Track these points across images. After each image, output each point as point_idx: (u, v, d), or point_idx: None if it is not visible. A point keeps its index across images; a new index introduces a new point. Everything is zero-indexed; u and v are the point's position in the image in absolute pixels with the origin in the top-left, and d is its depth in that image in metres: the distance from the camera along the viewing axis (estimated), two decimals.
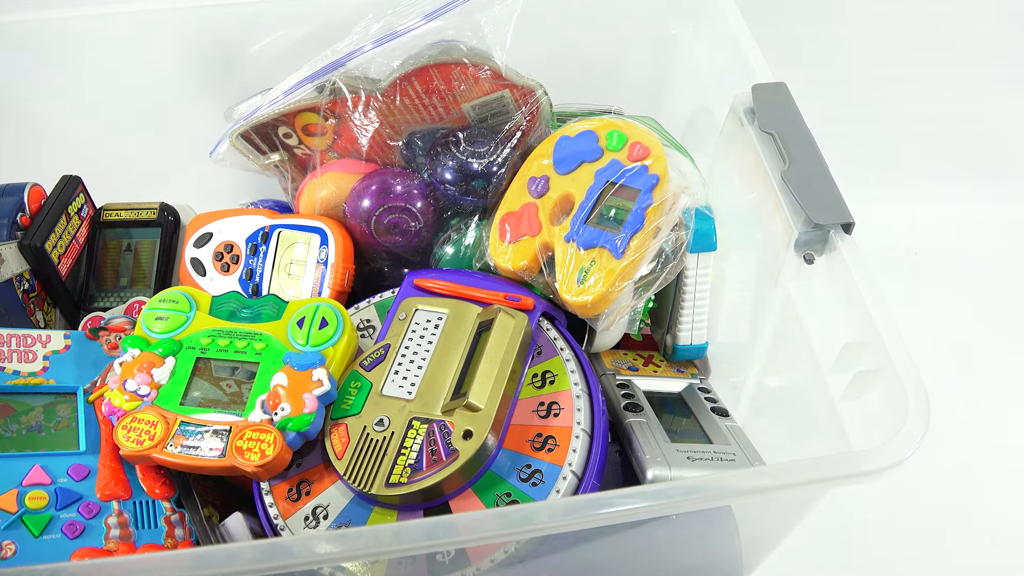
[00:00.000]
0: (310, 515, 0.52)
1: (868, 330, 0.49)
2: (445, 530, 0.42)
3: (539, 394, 0.55)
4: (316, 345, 0.57)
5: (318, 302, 0.59)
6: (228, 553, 0.41)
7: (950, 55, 1.15)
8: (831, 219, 0.53)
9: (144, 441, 0.54)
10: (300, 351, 0.57)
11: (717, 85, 0.69)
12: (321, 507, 0.53)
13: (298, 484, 0.54)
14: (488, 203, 0.66)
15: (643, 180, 0.60)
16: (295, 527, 0.52)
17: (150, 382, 0.57)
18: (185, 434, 0.54)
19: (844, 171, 0.57)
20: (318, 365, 0.55)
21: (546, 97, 0.65)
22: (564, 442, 0.52)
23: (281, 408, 0.54)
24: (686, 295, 0.65)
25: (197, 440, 0.54)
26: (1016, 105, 1.09)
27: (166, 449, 0.54)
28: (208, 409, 0.56)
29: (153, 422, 0.55)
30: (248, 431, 0.53)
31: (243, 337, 0.58)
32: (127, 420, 0.55)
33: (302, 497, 0.53)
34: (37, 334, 0.60)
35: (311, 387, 0.54)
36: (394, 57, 0.64)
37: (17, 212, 0.67)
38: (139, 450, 0.54)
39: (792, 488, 0.44)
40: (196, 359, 0.58)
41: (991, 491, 0.76)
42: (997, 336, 0.86)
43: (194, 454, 0.54)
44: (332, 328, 0.57)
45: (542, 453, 0.52)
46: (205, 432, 0.54)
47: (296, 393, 0.54)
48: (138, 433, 0.54)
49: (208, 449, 0.54)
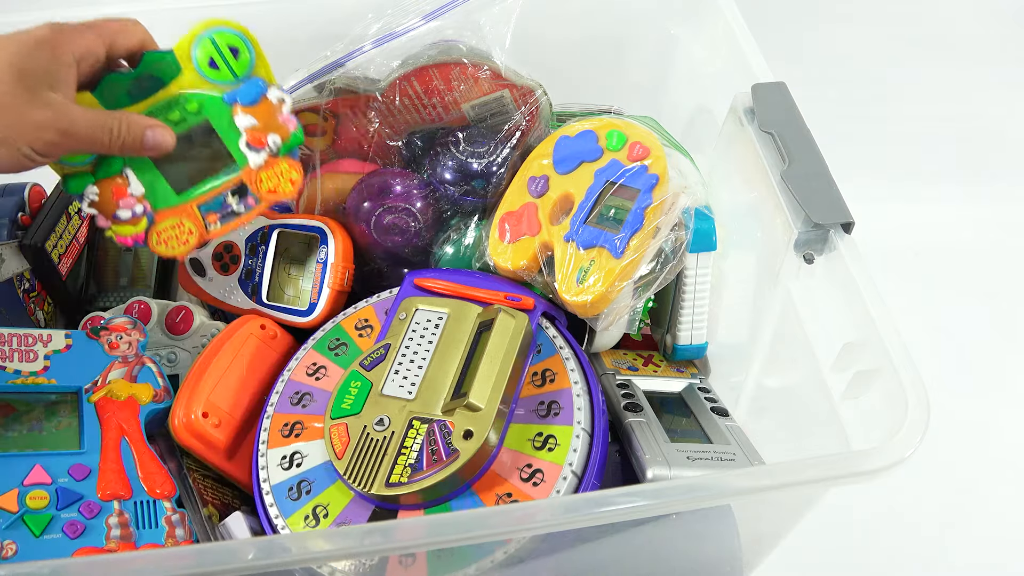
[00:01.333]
0: (310, 515, 0.52)
1: (868, 330, 0.49)
2: (445, 528, 0.42)
3: (539, 392, 0.55)
4: (243, 74, 0.55)
5: (206, 31, 0.54)
6: (228, 550, 0.41)
7: (950, 55, 1.15)
8: (831, 219, 0.53)
9: (188, 239, 0.56)
10: (237, 86, 0.55)
11: (717, 85, 0.69)
12: (321, 506, 0.53)
13: (314, 510, 0.54)
14: (488, 203, 0.66)
15: (643, 180, 0.60)
16: (295, 526, 0.52)
17: (134, 199, 0.56)
18: (211, 210, 0.56)
19: (844, 171, 0.57)
20: (266, 88, 0.55)
21: (546, 97, 0.65)
22: (564, 442, 0.52)
23: (272, 141, 0.55)
24: (686, 295, 0.65)
25: (226, 208, 0.57)
26: (1016, 105, 1.09)
27: (210, 229, 0.57)
28: (205, 181, 0.57)
29: (177, 222, 0.56)
30: (260, 174, 0.55)
31: (165, 109, 0.56)
32: (153, 237, 0.56)
33: (302, 496, 0.53)
34: (38, 333, 0.60)
35: (278, 109, 0.55)
36: (394, 57, 0.64)
37: (17, 212, 0.67)
38: (192, 244, 0.56)
39: (792, 488, 0.44)
40: None
41: (991, 491, 0.76)
42: (997, 336, 0.86)
43: (235, 217, 0.57)
44: (244, 51, 0.55)
45: (542, 452, 0.52)
46: (225, 197, 0.56)
47: (271, 121, 0.55)
48: (175, 237, 0.56)
49: (243, 207, 0.56)
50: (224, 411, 0.59)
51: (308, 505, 0.53)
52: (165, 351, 0.67)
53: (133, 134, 0.52)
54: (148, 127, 0.52)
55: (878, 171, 1.00)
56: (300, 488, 0.54)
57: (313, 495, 0.53)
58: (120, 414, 0.58)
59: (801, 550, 0.64)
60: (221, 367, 0.60)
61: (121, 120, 0.51)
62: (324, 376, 0.60)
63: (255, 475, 0.56)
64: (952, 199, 0.99)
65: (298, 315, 0.65)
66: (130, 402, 0.58)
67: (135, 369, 0.60)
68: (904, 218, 0.96)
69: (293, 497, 0.53)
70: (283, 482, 0.55)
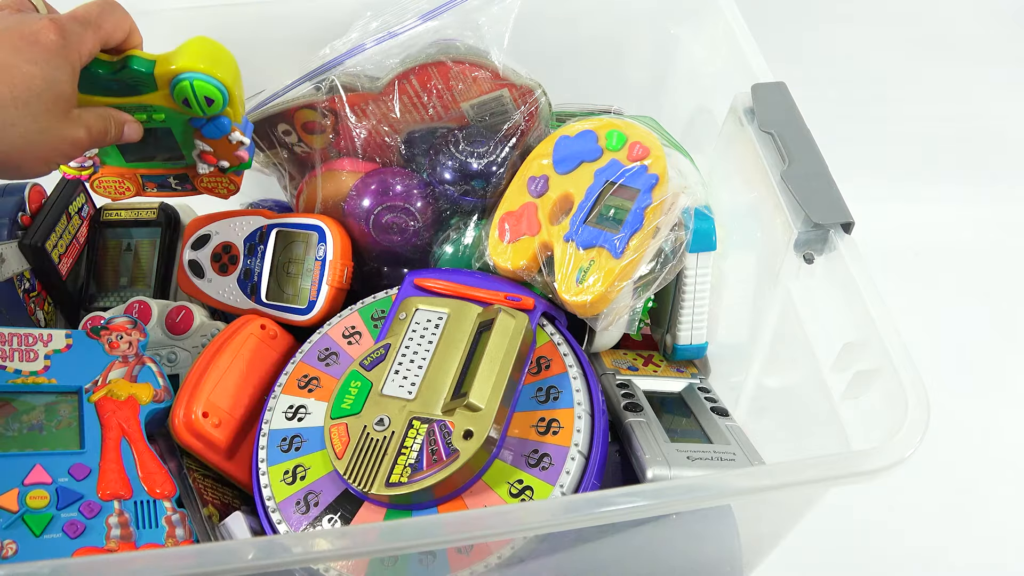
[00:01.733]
0: (302, 501, 0.53)
1: (868, 330, 0.49)
2: (444, 528, 0.42)
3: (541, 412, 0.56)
4: (212, 115, 0.58)
5: (188, 75, 0.55)
6: (228, 550, 0.41)
7: (950, 55, 1.15)
8: (831, 219, 0.53)
9: (124, 193, 0.64)
10: (203, 118, 0.58)
11: (717, 85, 0.69)
12: (313, 494, 0.54)
13: (294, 468, 0.55)
14: (487, 203, 0.66)
15: (642, 180, 0.60)
16: (286, 511, 0.54)
17: (87, 156, 0.62)
18: (151, 181, 0.64)
19: (844, 171, 0.57)
20: (228, 130, 0.58)
21: (545, 97, 0.65)
22: (567, 426, 0.53)
23: (221, 164, 0.60)
24: (686, 295, 0.65)
25: (166, 185, 0.64)
26: (1016, 105, 1.09)
27: (147, 191, 0.65)
28: (153, 163, 0.63)
29: (118, 180, 0.64)
30: (205, 178, 0.63)
31: (133, 109, 0.58)
32: (95, 183, 0.64)
33: (296, 481, 0.54)
34: (38, 333, 0.60)
35: (234, 148, 0.60)
36: (393, 55, 0.64)
37: (18, 212, 0.67)
38: (127, 197, 0.65)
39: (792, 488, 0.44)
40: None
41: (991, 491, 0.76)
42: (997, 335, 0.86)
43: (172, 191, 0.65)
44: (219, 101, 0.57)
45: (547, 435, 0.53)
46: (168, 179, 0.63)
47: (226, 152, 0.60)
48: (114, 188, 0.64)
49: (181, 188, 0.64)
50: (224, 411, 0.59)
51: (292, 461, 0.55)
52: (165, 351, 0.67)
53: (118, 130, 0.56)
54: (126, 123, 0.57)
55: (878, 171, 1.00)
56: (292, 442, 0.56)
57: (301, 453, 0.55)
58: (120, 414, 0.58)
59: (801, 550, 0.64)
60: (221, 367, 0.60)
61: (113, 119, 0.56)
62: (356, 343, 0.62)
63: (259, 424, 0.58)
64: (952, 199, 0.99)
65: (297, 313, 0.65)
66: (130, 402, 0.58)
67: (135, 369, 0.60)
68: (904, 218, 0.95)
69: (283, 448, 0.55)
70: (280, 430, 0.57)
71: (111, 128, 0.55)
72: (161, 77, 0.55)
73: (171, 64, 0.55)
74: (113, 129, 0.55)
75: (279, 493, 0.54)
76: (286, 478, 0.55)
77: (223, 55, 0.57)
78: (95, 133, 0.54)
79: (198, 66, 0.55)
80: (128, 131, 0.57)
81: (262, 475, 0.55)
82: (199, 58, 0.55)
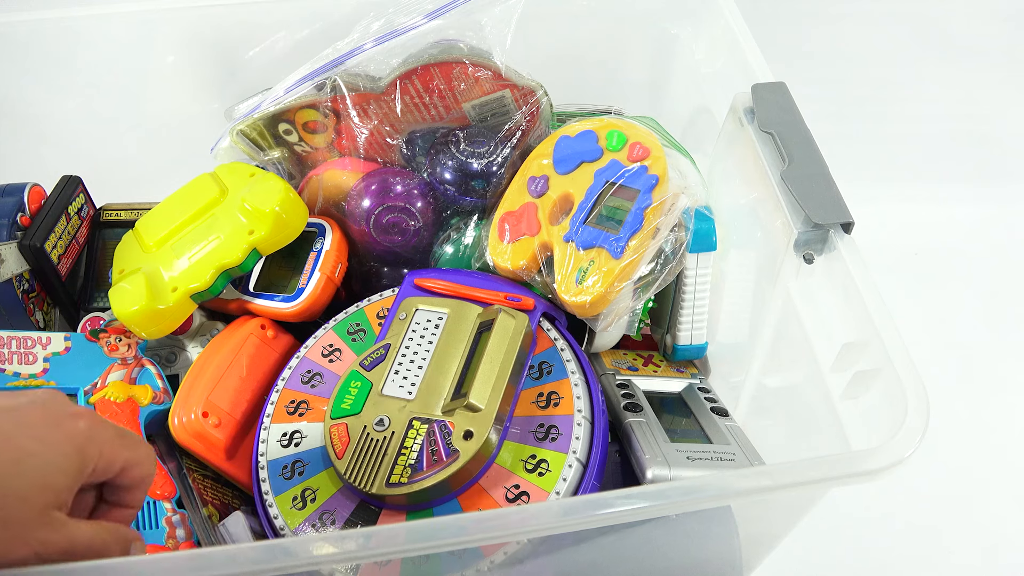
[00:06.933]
0: (318, 522, 0.52)
1: (867, 330, 0.49)
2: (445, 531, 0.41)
3: (539, 387, 0.55)
4: None
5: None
6: (228, 554, 0.41)
7: (950, 55, 1.15)
8: (831, 219, 0.53)
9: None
10: None
11: (717, 85, 0.69)
12: (328, 513, 0.53)
13: (303, 493, 0.54)
14: (488, 203, 0.66)
15: (642, 180, 0.60)
16: (283, 505, 0.53)
17: None
18: None
19: (844, 171, 0.57)
20: None
21: (546, 97, 0.65)
22: (566, 433, 0.53)
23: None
24: (686, 295, 0.65)
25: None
26: (1016, 105, 1.09)
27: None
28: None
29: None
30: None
31: None
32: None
33: (307, 505, 0.53)
34: (37, 336, 0.60)
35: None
36: (395, 55, 0.64)
37: (17, 212, 0.67)
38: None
39: (792, 488, 0.44)
40: None
41: (991, 491, 0.76)
42: (997, 336, 0.86)
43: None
44: None
45: (545, 441, 0.53)
46: None
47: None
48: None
49: None
50: (224, 411, 0.59)
51: (299, 487, 0.54)
52: (165, 351, 0.67)
53: (121, 548, 0.43)
54: (133, 540, 0.44)
55: (878, 171, 1.00)
56: (304, 497, 0.54)
57: (306, 477, 0.54)
58: (120, 416, 0.58)
59: (801, 550, 0.64)
60: (221, 367, 0.60)
61: (111, 536, 0.42)
62: (338, 360, 0.61)
63: (255, 447, 0.57)
64: (952, 199, 0.98)
65: (285, 300, 0.64)
66: (130, 404, 0.58)
67: (134, 371, 0.60)
68: (904, 218, 0.95)
69: (299, 507, 0.53)
70: (279, 459, 0.55)
71: (110, 547, 0.41)
72: None
73: None
74: (111, 548, 0.41)
75: (292, 520, 0.53)
76: (296, 504, 0.53)
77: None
78: (78, 549, 0.40)
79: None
80: (133, 550, 0.43)
81: (270, 507, 0.54)
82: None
